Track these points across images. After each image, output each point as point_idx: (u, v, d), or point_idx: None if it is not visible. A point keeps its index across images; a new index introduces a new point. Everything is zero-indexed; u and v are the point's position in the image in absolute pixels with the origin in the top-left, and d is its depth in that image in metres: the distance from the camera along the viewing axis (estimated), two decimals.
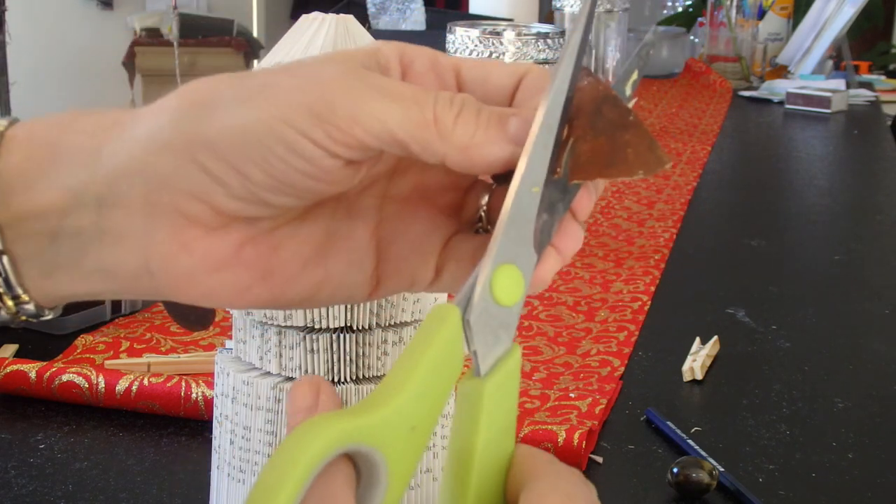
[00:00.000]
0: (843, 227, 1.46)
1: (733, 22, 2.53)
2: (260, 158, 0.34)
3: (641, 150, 0.36)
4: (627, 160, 0.36)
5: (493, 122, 0.35)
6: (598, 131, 0.37)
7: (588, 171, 0.37)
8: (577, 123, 0.37)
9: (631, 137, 0.36)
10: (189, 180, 0.35)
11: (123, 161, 0.35)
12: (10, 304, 0.37)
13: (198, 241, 0.36)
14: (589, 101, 0.37)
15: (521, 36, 1.15)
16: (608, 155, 0.36)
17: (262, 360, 0.56)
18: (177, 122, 0.35)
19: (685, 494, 0.70)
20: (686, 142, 1.89)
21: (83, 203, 0.36)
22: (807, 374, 0.91)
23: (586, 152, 0.37)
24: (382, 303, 0.55)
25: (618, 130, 0.36)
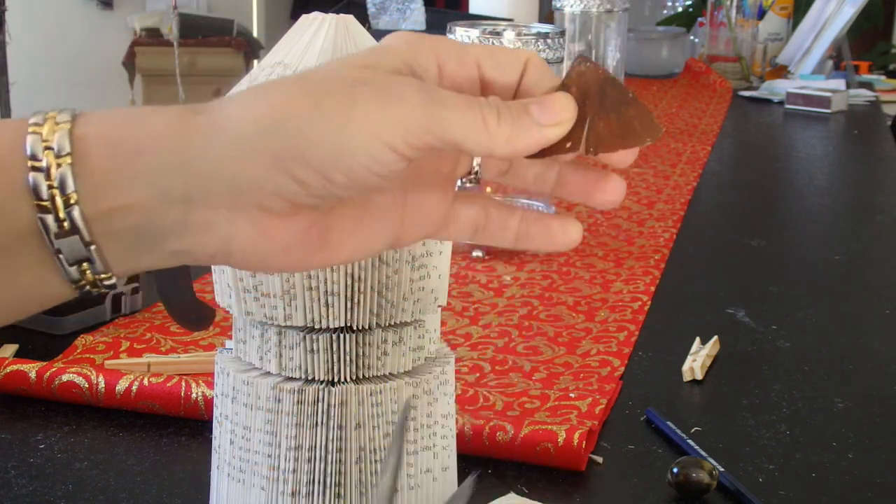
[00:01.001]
0: (843, 227, 1.46)
1: (733, 22, 2.53)
2: (345, 167, 0.40)
3: (645, 122, 0.43)
4: (636, 131, 0.43)
5: (522, 114, 0.42)
6: (608, 109, 0.43)
7: (609, 145, 0.43)
8: (589, 103, 0.43)
9: (634, 112, 0.43)
10: (275, 184, 0.40)
11: (213, 166, 0.40)
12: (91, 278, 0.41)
13: (275, 228, 0.41)
14: (594, 84, 0.43)
15: (521, 36, 1.15)
16: (621, 128, 0.43)
17: (262, 360, 0.56)
18: (265, 136, 0.40)
19: (685, 494, 0.70)
20: (686, 142, 1.89)
21: (171, 201, 0.40)
22: (807, 374, 0.91)
23: (603, 128, 0.43)
24: (382, 302, 0.55)
25: (623, 107, 0.43)
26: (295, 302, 0.54)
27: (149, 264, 0.42)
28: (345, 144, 0.40)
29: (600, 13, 1.85)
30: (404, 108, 0.41)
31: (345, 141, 0.40)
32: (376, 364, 0.56)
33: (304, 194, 0.41)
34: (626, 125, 0.43)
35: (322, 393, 0.55)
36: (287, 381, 0.55)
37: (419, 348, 0.58)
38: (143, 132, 0.41)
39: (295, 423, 0.55)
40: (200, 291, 0.97)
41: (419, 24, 2.02)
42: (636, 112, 0.43)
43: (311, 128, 0.40)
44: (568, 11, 1.86)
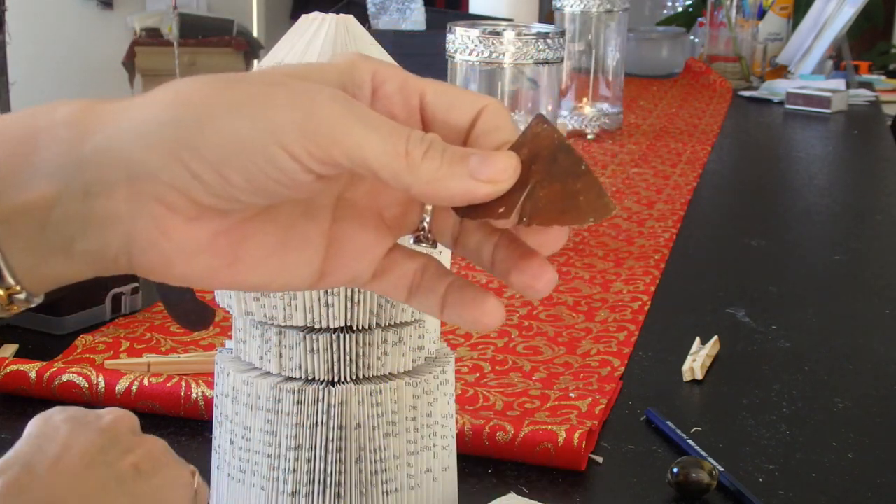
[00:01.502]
0: (843, 227, 1.46)
1: (733, 22, 2.53)
2: (241, 167, 0.37)
3: (591, 198, 0.38)
4: (580, 207, 0.38)
5: (455, 160, 0.38)
6: (554, 178, 0.39)
7: (546, 217, 0.39)
8: (535, 169, 0.39)
9: (582, 186, 0.38)
10: (171, 174, 0.37)
11: (109, 153, 0.38)
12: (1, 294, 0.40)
13: (177, 228, 0.38)
14: (545, 148, 0.39)
15: (521, 36, 1.15)
16: (562, 201, 0.39)
17: (262, 360, 0.56)
18: (164, 123, 0.37)
19: (685, 494, 0.70)
20: (686, 142, 1.89)
21: (71, 192, 0.38)
22: (807, 374, 0.91)
23: (543, 198, 0.39)
24: (382, 303, 0.55)
25: (570, 178, 0.39)
26: (295, 302, 0.54)
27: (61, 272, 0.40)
28: (243, 141, 0.37)
29: (600, 13, 1.85)
30: (315, 115, 0.37)
31: (243, 138, 0.37)
32: (376, 364, 0.56)
33: (202, 191, 0.38)
34: (569, 199, 0.39)
35: (322, 393, 0.55)
36: (287, 381, 0.55)
37: (419, 348, 0.58)
38: (44, 124, 0.39)
39: (295, 423, 0.55)
40: (200, 291, 0.97)
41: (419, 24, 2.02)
42: (585, 186, 0.39)
43: (211, 117, 0.37)
44: (568, 11, 1.86)
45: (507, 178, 0.39)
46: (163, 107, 0.38)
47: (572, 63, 1.87)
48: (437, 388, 0.58)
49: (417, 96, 0.41)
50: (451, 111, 0.41)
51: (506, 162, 0.39)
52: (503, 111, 0.42)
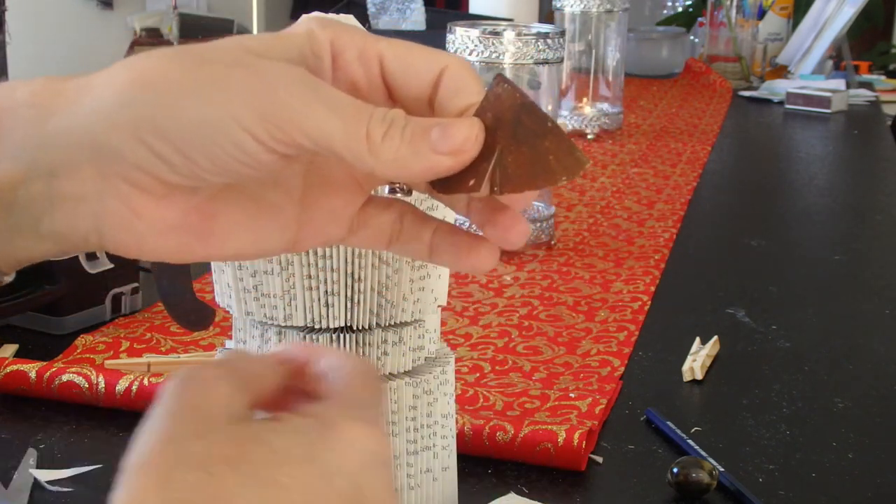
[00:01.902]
0: (843, 227, 1.46)
1: (733, 22, 2.53)
2: (205, 149, 0.37)
3: (561, 156, 0.37)
4: (550, 168, 0.37)
5: (416, 137, 0.38)
6: (520, 141, 0.37)
7: (517, 184, 0.38)
8: (500, 134, 0.38)
9: (550, 144, 0.37)
10: (136, 155, 0.37)
11: (73, 133, 0.37)
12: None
13: (147, 207, 0.38)
14: (508, 111, 0.38)
15: (521, 36, 1.15)
16: (532, 165, 0.37)
17: None
18: (127, 104, 0.37)
19: (685, 494, 0.70)
20: (686, 142, 1.89)
21: (35, 173, 0.38)
22: (807, 374, 0.91)
23: (512, 164, 0.38)
24: (382, 302, 0.55)
25: (537, 139, 0.37)
26: (295, 302, 0.54)
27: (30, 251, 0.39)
28: (205, 124, 0.37)
29: (600, 13, 1.85)
30: (277, 98, 0.37)
31: (205, 120, 0.37)
32: (376, 364, 0.56)
33: (168, 171, 0.37)
34: (538, 160, 0.37)
35: None
36: None
37: (419, 348, 0.58)
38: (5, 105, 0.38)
39: None
40: (200, 291, 0.97)
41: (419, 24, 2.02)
42: (553, 144, 0.37)
43: (173, 99, 0.37)
44: (568, 11, 1.86)
45: (469, 148, 0.38)
46: (125, 86, 0.37)
47: (572, 63, 1.87)
48: (437, 388, 0.58)
49: (377, 61, 0.40)
50: (409, 75, 0.40)
51: (466, 132, 0.38)
52: (464, 70, 0.40)
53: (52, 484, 0.70)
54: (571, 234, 1.29)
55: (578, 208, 1.41)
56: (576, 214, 1.38)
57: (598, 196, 1.48)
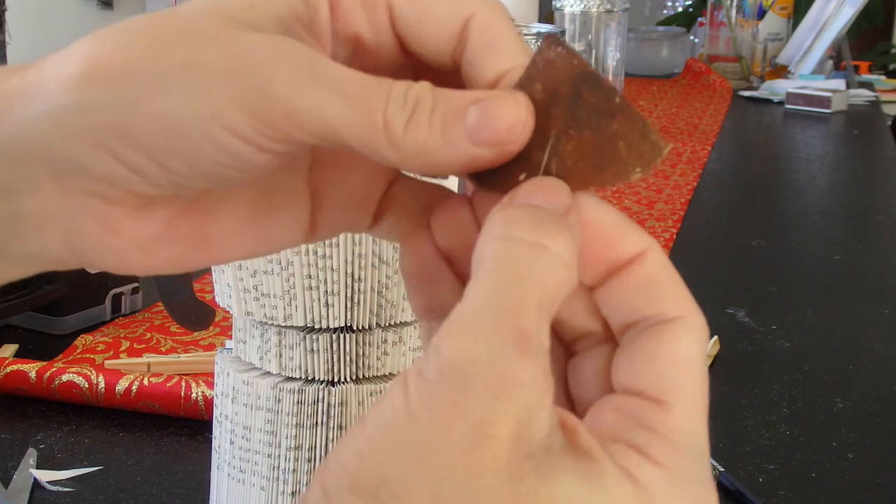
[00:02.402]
0: (843, 227, 1.46)
1: (733, 22, 2.53)
2: (182, 154, 0.30)
3: (634, 141, 0.29)
4: (621, 157, 0.30)
5: (448, 122, 0.30)
6: (581, 123, 0.30)
7: (580, 179, 0.30)
8: (554, 114, 0.30)
9: (619, 126, 0.29)
10: (102, 168, 0.31)
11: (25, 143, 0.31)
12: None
13: (123, 222, 0.32)
14: (564, 83, 0.30)
15: (521, 36, 1.15)
16: (597, 153, 0.30)
17: (262, 360, 0.56)
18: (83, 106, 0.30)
19: None
20: (686, 142, 1.89)
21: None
22: (807, 374, 0.91)
23: (572, 153, 0.30)
24: (382, 302, 0.55)
25: (604, 120, 0.29)
26: (295, 302, 0.54)
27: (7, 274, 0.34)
28: (179, 125, 0.30)
29: (600, 13, 1.85)
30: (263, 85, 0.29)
31: (178, 120, 0.29)
32: (376, 364, 0.56)
33: (141, 182, 0.31)
34: (606, 148, 0.30)
35: (322, 393, 0.55)
36: (287, 381, 0.55)
37: (419, 348, 0.58)
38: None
39: (295, 423, 0.55)
40: (200, 291, 0.97)
41: None
42: (623, 126, 0.29)
43: (137, 95, 0.30)
44: (568, 11, 1.86)
45: (517, 137, 0.30)
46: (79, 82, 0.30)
47: None
48: None
49: (385, 6, 0.32)
50: (426, 23, 0.32)
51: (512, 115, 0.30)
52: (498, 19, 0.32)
53: (52, 484, 0.70)
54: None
55: None
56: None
57: (598, 196, 1.48)
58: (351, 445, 0.26)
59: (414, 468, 0.25)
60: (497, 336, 0.26)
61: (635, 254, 0.30)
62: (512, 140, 0.30)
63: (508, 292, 0.27)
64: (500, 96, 0.30)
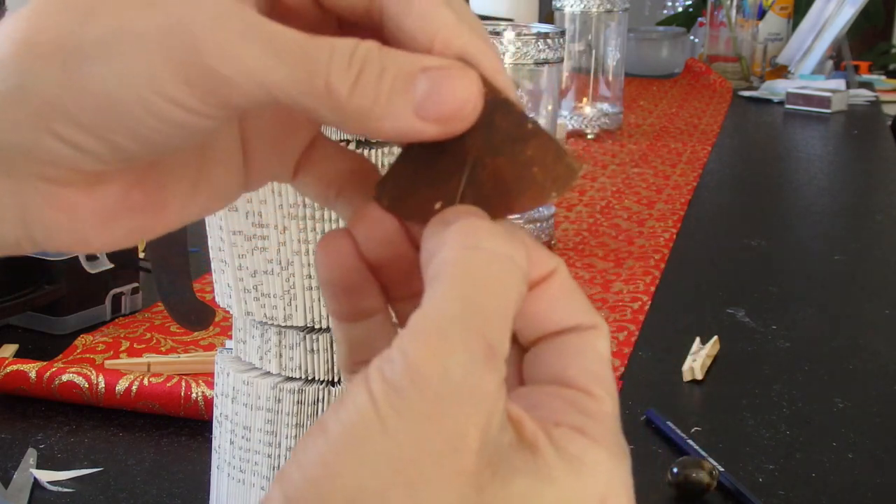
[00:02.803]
0: (843, 227, 1.46)
1: (733, 22, 2.53)
2: (127, 128, 0.29)
3: (549, 165, 0.29)
4: (536, 181, 0.30)
5: (396, 91, 0.29)
6: (496, 150, 0.30)
7: (497, 207, 0.30)
8: (470, 141, 0.30)
9: (534, 151, 0.29)
10: (45, 150, 0.30)
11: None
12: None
13: (77, 202, 0.32)
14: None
15: (521, 36, 1.15)
16: (513, 179, 0.30)
17: (262, 360, 0.56)
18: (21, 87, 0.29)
19: (685, 494, 0.70)
20: (686, 142, 1.89)
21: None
22: (807, 374, 0.91)
23: (488, 180, 0.30)
24: None
25: (517, 145, 0.29)
26: (295, 302, 0.54)
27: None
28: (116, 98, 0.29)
29: (600, 13, 1.85)
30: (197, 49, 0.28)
31: (115, 92, 0.29)
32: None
33: (90, 160, 0.30)
34: (521, 174, 0.30)
35: (322, 393, 0.55)
36: (287, 381, 0.55)
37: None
38: None
39: (295, 423, 0.55)
40: (200, 291, 0.97)
41: None
42: (537, 151, 0.29)
43: (74, 68, 0.28)
44: (568, 11, 1.86)
45: (465, 116, 0.29)
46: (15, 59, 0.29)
47: (572, 63, 1.87)
48: None
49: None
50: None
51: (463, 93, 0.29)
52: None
53: (52, 484, 0.70)
54: (571, 234, 1.29)
55: (578, 208, 1.41)
56: (576, 214, 1.38)
57: (598, 196, 1.48)
58: (314, 452, 0.26)
59: (392, 481, 0.25)
60: (468, 348, 0.26)
61: (547, 272, 0.31)
62: (459, 119, 0.29)
63: (477, 302, 0.27)
64: (451, 69, 0.29)
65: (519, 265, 0.28)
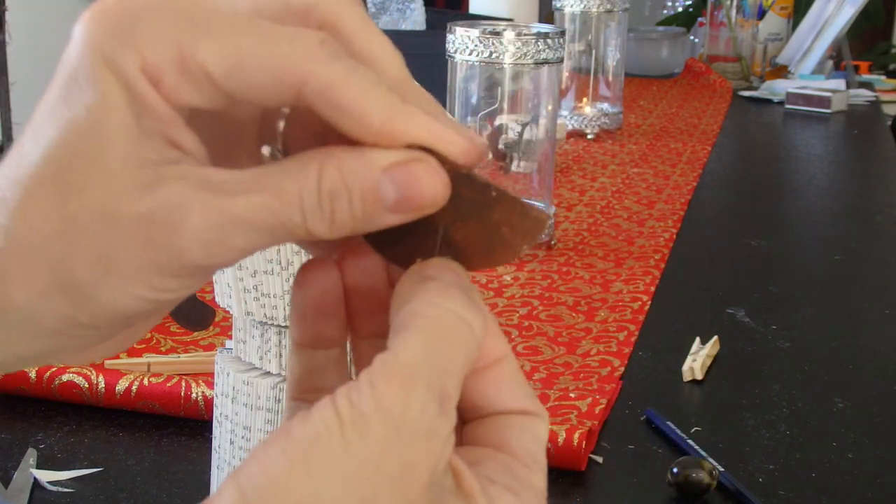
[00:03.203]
0: (843, 227, 1.46)
1: (733, 22, 2.53)
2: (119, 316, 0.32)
3: (516, 223, 0.32)
4: (505, 240, 0.33)
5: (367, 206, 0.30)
6: (466, 216, 0.32)
7: (473, 262, 0.33)
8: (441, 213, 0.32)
9: (500, 215, 0.32)
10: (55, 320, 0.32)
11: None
12: None
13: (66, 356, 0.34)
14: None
15: (521, 36, 1.15)
16: (485, 240, 0.33)
17: (262, 360, 0.56)
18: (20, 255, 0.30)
19: (685, 494, 0.70)
20: (686, 142, 1.89)
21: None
22: (807, 374, 0.91)
23: (462, 241, 0.33)
24: None
25: (484, 211, 0.32)
26: None
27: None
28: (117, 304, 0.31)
29: (600, 13, 1.85)
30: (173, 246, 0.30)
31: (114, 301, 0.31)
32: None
33: (80, 343, 0.33)
34: (491, 234, 0.32)
35: None
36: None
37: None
38: None
39: None
40: (200, 291, 0.97)
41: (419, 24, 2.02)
42: (503, 214, 0.32)
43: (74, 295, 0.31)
44: (568, 11, 1.86)
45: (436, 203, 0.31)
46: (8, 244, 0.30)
47: (572, 63, 1.87)
48: None
49: (204, 77, 0.30)
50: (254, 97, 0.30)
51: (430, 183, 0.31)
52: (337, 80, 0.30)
53: (52, 484, 0.70)
54: (571, 234, 1.29)
55: (578, 208, 1.41)
56: (576, 214, 1.38)
57: (598, 196, 1.48)
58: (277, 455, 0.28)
59: (347, 495, 0.28)
60: (430, 393, 0.29)
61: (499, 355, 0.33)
62: (431, 206, 0.31)
63: (439, 355, 0.30)
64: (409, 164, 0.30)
65: (477, 334, 0.31)
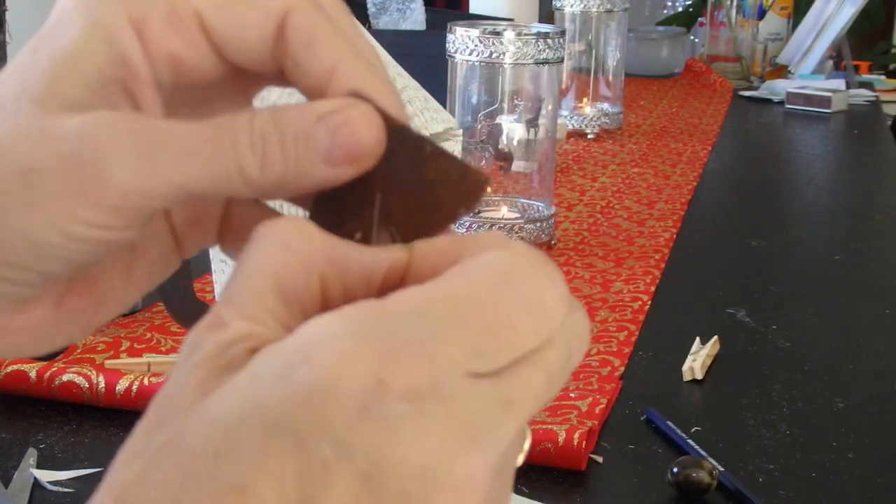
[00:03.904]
0: (843, 227, 1.46)
1: (733, 22, 2.53)
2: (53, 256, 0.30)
3: (452, 183, 0.30)
4: (441, 202, 0.30)
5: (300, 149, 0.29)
6: (400, 177, 0.30)
7: (415, 229, 0.30)
8: (375, 172, 0.30)
9: (435, 174, 0.30)
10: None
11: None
12: None
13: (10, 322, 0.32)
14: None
15: (521, 36, 1.15)
16: (422, 204, 0.30)
17: None
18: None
19: (685, 494, 0.70)
20: (686, 142, 1.89)
21: None
22: (807, 374, 0.91)
23: (398, 208, 0.30)
24: None
25: (420, 169, 0.30)
26: None
27: None
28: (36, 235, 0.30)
29: (600, 13, 1.85)
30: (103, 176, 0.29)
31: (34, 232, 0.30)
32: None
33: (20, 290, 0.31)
34: (428, 196, 0.30)
35: None
36: None
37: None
38: None
39: None
40: (200, 291, 0.97)
41: (419, 23, 2.02)
42: (439, 173, 0.30)
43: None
44: (568, 11, 1.86)
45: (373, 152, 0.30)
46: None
47: (572, 63, 1.87)
48: None
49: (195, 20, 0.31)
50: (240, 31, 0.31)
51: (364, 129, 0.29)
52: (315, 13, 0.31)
53: (52, 484, 0.70)
54: (571, 234, 1.29)
55: (578, 208, 1.41)
56: (576, 214, 1.38)
57: (598, 196, 1.48)
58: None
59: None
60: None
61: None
62: (368, 155, 0.30)
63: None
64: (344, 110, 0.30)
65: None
